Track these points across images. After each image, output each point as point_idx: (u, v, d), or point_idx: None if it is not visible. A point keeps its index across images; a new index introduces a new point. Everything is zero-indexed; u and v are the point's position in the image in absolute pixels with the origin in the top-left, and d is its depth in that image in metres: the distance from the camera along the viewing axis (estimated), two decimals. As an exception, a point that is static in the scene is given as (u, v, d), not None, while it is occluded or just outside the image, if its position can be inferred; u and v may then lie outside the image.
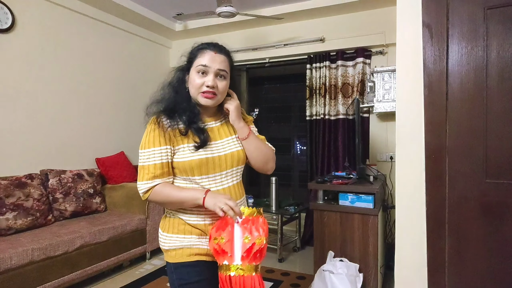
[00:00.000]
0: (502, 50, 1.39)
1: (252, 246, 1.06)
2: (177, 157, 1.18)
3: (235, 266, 1.06)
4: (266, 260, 3.24)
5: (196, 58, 1.19)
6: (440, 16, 1.48)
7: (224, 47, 1.25)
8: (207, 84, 1.16)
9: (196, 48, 1.23)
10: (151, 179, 1.15)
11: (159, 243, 1.27)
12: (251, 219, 1.11)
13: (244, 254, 1.06)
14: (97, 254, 2.66)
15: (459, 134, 1.46)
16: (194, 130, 1.18)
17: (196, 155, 1.16)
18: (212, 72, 1.17)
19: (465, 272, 1.46)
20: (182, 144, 1.17)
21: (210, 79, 1.16)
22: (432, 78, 1.49)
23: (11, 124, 2.84)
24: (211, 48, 1.19)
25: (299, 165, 4.48)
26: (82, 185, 3.04)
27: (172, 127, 1.17)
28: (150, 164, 1.15)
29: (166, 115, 1.18)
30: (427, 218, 1.52)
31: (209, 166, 1.18)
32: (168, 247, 1.21)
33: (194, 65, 1.19)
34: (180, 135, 1.17)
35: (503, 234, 1.40)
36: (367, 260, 2.28)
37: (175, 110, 1.19)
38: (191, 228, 1.20)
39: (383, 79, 3.09)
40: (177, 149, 1.18)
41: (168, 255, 1.21)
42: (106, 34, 3.72)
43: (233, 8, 2.97)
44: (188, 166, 1.16)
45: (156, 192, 1.15)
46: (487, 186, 1.42)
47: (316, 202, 2.47)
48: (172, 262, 1.20)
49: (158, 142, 1.16)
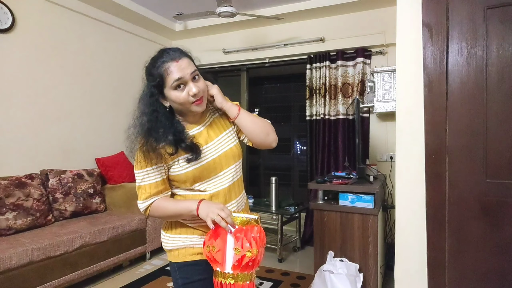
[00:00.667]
0: (502, 50, 1.39)
1: (243, 257, 1.05)
2: (172, 171, 1.18)
3: (226, 275, 1.07)
4: (266, 260, 3.24)
5: (166, 78, 1.12)
6: (440, 16, 1.48)
7: (178, 49, 1.18)
8: (193, 93, 1.12)
9: (155, 68, 1.13)
10: (147, 198, 1.17)
11: (161, 243, 1.28)
12: (245, 228, 1.09)
13: (236, 264, 1.06)
14: (97, 254, 2.66)
15: (459, 134, 1.46)
16: (184, 149, 1.16)
17: (190, 166, 1.16)
18: (188, 80, 1.12)
19: (465, 272, 1.46)
20: (174, 159, 1.16)
21: (191, 87, 1.12)
22: (432, 78, 1.49)
23: (11, 124, 2.84)
24: (170, 59, 1.12)
25: (299, 165, 4.48)
26: (82, 185, 3.04)
27: (159, 147, 1.13)
28: (146, 184, 1.17)
29: (153, 139, 1.13)
30: (427, 218, 1.52)
31: (205, 172, 1.18)
32: (171, 247, 1.22)
33: (167, 85, 1.12)
34: (168, 155, 1.15)
35: (503, 234, 1.40)
36: (367, 260, 2.28)
37: (157, 136, 1.13)
38: (193, 230, 1.21)
39: (383, 79, 3.09)
40: (171, 165, 1.17)
41: (171, 255, 1.23)
42: (106, 34, 3.72)
43: (233, 8, 2.97)
44: (185, 177, 1.17)
45: (153, 209, 1.17)
46: (487, 186, 1.42)
47: (316, 202, 2.47)
48: (175, 262, 1.22)
49: (150, 162, 1.14)
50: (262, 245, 1.11)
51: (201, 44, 4.45)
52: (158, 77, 1.13)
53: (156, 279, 2.80)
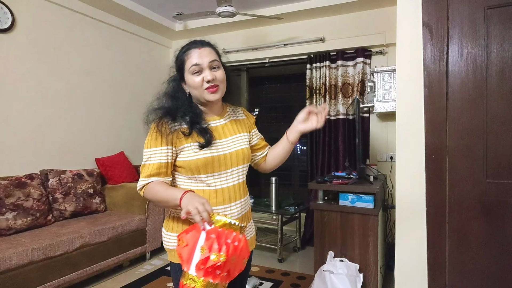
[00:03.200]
0: (502, 50, 1.39)
1: (206, 259, 0.95)
2: (182, 157, 1.19)
3: (188, 275, 0.97)
4: (266, 260, 3.24)
5: (185, 62, 1.20)
6: (440, 16, 1.48)
7: (205, 40, 1.26)
8: (207, 79, 1.17)
9: (180, 53, 1.24)
10: (147, 177, 1.17)
11: (163, 242, 1.27)
12: (221, 231, 1.00)
13: (200, 266, 0.96)
14: (97, 254, 2.66)
15: (459, 134, 1.46)
16: (198, 131, 1.19)
17: (201, 154, 1.17)
18: (205, 67, 1.18)
19: (465, 272, 1.46)
20: (186, 143, 1.18)
21: (207, 73, 1.17)
22: (432, 78, 1.49)
23: (11, 124, 2.84)
24: (194, 46, 1.21)
25: (299, 165, 4.48)
26: (82, 185, 3.04)
27: (174, 127, 1.18)
28: (150, 163, 1.17)
29: (169, 117, 1.18)
30: (427, 218, 1.52)
31: (215, 164, 1.19)
32: (172, 247, 1.21)
33: (186, 69, 1.20)
34: (182, 135, 1.18)
35: (503, 234, 1.40)
36: (367, 260, 2.28)
37: (176, 113, 1.19)
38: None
39: (383, 79, 3.09)
40: (181, 149, 1.18)
41: (173, 255, 1.22)
42: (106, 34, 3.72)
43: (233, 8, 2.97)
44: (194, 165, 1.17)
45: (148, 189, 1.17)
46: (487, 186, 1.42)
47: (316, 202, 2.47)
48: (177, 263, 1.18)
49: (160, 142, 1.17)
50: (238, 256, 0.99)
51: (201, 44, 4.44)
52: (180, 62, 1.22)
53: (156, 279, 2.80)
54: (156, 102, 1.25)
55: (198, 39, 1.25)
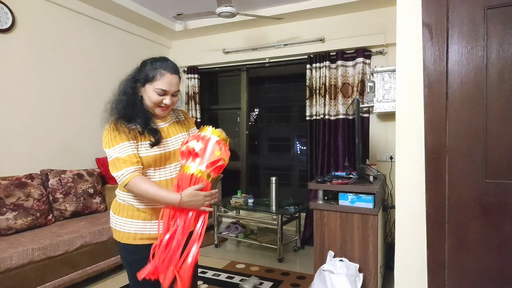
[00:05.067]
0: (502, 50, 1.39)
1: (217, 161, 1.30)
2: (140, 153, 1.36)
3: (198, 170, 1.29)
4: (266, 260, 3.25)
5: (155, 80, 1.35)
6: (440, 16, 1.48)
7: (176, 66, 1.44)
8: (164, 103, 1.38)
9: (152, 66, 1.38)
10: (128, 166, 1.30)
11: (110, 223, 1.46)
12: (223, 143, 1.34)
13: (209, 164, 1.29)
14: (97, 254, 2.66)
15: (459, 134, 1.46)
16: (149, 131, 1.37)
17: (151, 151, 1.37)
18: (169, 94, 1.38)
19: (465, 272, 1.46)
20: (139, 142, 1.37)
21: (168, 100, 1.38)
22: (432, 78, 1.49)
23: (11, 124, 2.85)
24: (167, 69, 1.37)
25: (299, 165, 4.48)
26: (82, 185, 3.04)
27: (131, 127, 1.35)
28: (124, 156, 1.31)
29: (125, 119, 1.35)
30: (427, 218, 1.52)
31: (162, 160, 1.40)
32: (118, 228, 1.41)
33: (153, 85, 1.36)
34: (138, 134, 1.36)
35: (503, 234, 1.40)
36: (367, 260, 2.28)
37: (131, 116, 1.36)
38: (138, 213, 1.40)
39: (383, 79, 3.09)
40: (139, 146, 1.36)
41: (118, 235, 1.41)
42: (106, 34, 3.72)
43: (233, 8, 2.97)
44: (146, 161, 1.36)
45: (135, 183, 1.29)
46: (487, 186, 1.42)
47: (316, 202, 2.47)
48: (121, 242, 1.41)
49: (123, 138, 1.33)
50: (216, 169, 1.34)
51: (201, 44, 4.45)
52: (151, 75, 1.36)
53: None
54: (114, 99, 1.40)
55: (170, 62, 1.42)
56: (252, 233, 3.83)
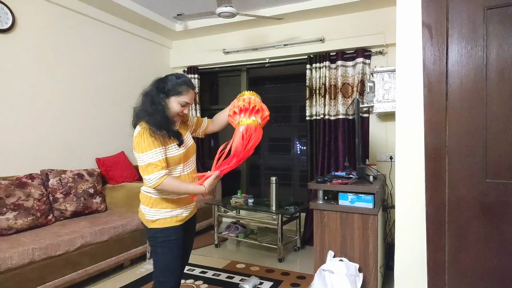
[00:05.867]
0: (502, 50, 1.39)
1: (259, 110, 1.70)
2: (169, 154, 1.64)
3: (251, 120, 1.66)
4: (266, 260, 3.25)
5: (181, 95, 1.65)
6: (440, 16, 1.48)
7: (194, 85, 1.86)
8: (183, 113, 1.71)
9: (179, 83, 1.66)
10: (161, 170, 1.57)
11: (142, 216, 1.71)
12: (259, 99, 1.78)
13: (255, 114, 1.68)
14: (98, 254, 2.66)
15: (459, 134, 1.46)
16: (174, 135, 1.67)
17: (180, 150, 1.69)
18: (188, 106, 1.71)
19: (465, 272, 1.47)
20: (169, 144, 1.64)
21: (187, 110, 1.71)
22: (432, 78, 1.50)
23: (12, 124, 2.85)
24: (191, 87, 1.69)
25: (299, 165, 4.48)
26: (82, 185, 3.04)
27: (161, 134, 1.59)
28: (157, 160, 1.56)
29: (156, 126, 1.58)
30: (427, 218, 1.53)
31: (186, 156, 1.73)
32: (158, 217, 1.67)
33: (178, 98, 1.65)
34: (167, 138, 1.63)
35: (503, 234, 1.40)
36: (367, 260, 2.29)
37: (160, 123, 1.60)
38: (172, 202, 1.69)
39: (383, 79, 3.09)
40: (167, 148, 1.63)
41: (156, 223, 1.67)
42: (107, 34, 3.73)
43: (233, 8, 2.97)
44: (178, 157, 1.67)
45: (167, 181, 1.57)
46: (487, 186, 1.42)
47: (316, 202, 2.47)
48: (160, 227, 1.66)
49: (157, 144, 1.58)
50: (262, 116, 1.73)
51: (201, 44, 4.45)
52: (178, 90, 1.65)
53: (156, 279, 2.80)
54: (144, 105, 1.65)
55: (189, 79, 1.73)
56: (252, 233, 3.84)
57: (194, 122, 1.92)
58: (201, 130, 1.96)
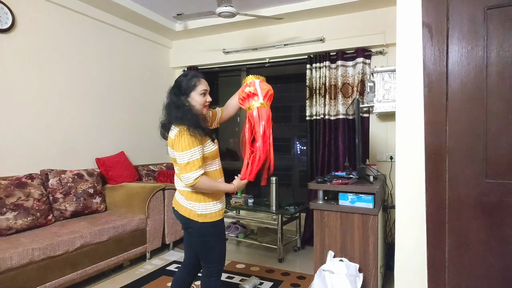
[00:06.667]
0: (502, 50, 1.39)
1: (268, 91, 1.81)
2: (207, 149, 1.76)
3: (260, 103, 1.76)
4: (266, 260, 3.25)
5: (197, 86, 1.78)
6: (440, 16, 1.48)
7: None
8: (209, 101, 1.83)
9: (188, 78, 1.79)
10: (198, 169, 1.68)
11: (189, 213, 1.78)
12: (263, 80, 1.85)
13: (264, 97, 1.78)
14: (98, 254, 2.66)
15: (459, 134, 1.46)
16: (209, 132, 1.79)
17: (215, 145, 1.83)
18: (207, 93, 1.83)
19: (465, 272, 1.46)
20: (206, 141, 1.76)
21: (208, 97, 1.83)
22: (432, 78, 1.49)
23: (11, 124, 2.85)
24: (200, 76, 1.83)
25: (299, 165, 4.48)
26: (82, 185, 3.04)
27: (199, 132, 1.70)
28: (195, 159, 1.68)
29: (193, 126, 1.69)
30: (427, 218, 1.52)
31: (218, 151, 1.86)
32: (209, 211, 1.79)
33: (197, 90, 1.78)
34: (204, 136, 1.74)
35: (503, 234, 1.40)
36: (367, 260, 2.29)
37: (195, 123, 1.71)
38: (215, 196, 1.82)
39: (383, 79, 3.09)
40: (205, 146, 1.75)
41: (208, 217, 1.78)
42: (106, 34, 3.72)
43: (233, 8, 2.97)
44: (215, 152, 1.82)
45: (203, 180, 1.70)
46: (487, 186, 1.42)
47: (316, 202, 2.47)
48: (211, 221, 1.79)
49: (196, 143, 1.69)
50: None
51: (201, 44, 4.45)
52: (193, 83, 1.77)
53: (156, 279, 2.80)
54: (171, 111, 1.76)
55: (197, 72, 1.87)
56: (252, 233, 3.84)
57: (210, 116, 1.99)
58: (216, 121, 2.03)
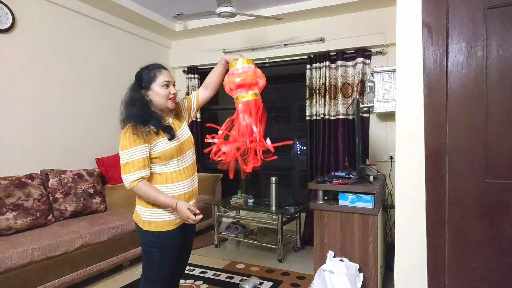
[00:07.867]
0: (502, 50, 1.39)
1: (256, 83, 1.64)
2: (157, 149, 1.58)
3: (249, 94, 1.61)
4: (266, 260, 3.25)
5: (157, 77, 1.61)
6: (440, 16, 1.48)
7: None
8: (173, 92, 1.63)
9: (149, 69, 1.63)
10: (136, 171, 1.52)
11: (137, 217, 1.65)
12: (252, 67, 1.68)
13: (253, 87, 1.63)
14: (97, 254, 2.66)
15: (459, 134, 1.46)
16: (164, 129, 1.60)
17: (171, 144, 1.60)
18: (171, 84, 1.64)
19: (465, 272, 1.46)
20: (157, 140, 1.58)
21: (173, 89, 1.64)
22: (432, 78, 1.49)
23: (11, 124, 2.85)
24: (163, 68, 1.65)
25: (299, 165, 4.48)
26: (82, 185, 3.04)
27: (146, 129, 1.55)
28: (134, 160, 1.52)
29: (140, 123, 1.54)
30: (427, 218, 1.52)
31: (180, 150, 1.65)
32: (154, 219, 1.60)
33: (157, 82, 1.60)
34: (154, 134, 1.57)
35: (503, 234, 1.40)
36: (367, 260, 2.29)
37: (146, 119, 1.56)
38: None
39: (383, 79, 3.09)
40: (154, 145, 1.57)
41: (152, 226, 1.60)
42: (106, 34, 3.72)
43: (233, 8, 2.97)
44: (169, 153, 1.59)
45: (140, 186, 1.53)
46: (487, 186, 1.42)
47: (316, 202, 2.47)
48: (156, 231, 1.60)
49: (139, 142, 1.52)
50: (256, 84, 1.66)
51: (201, 44, 4.45)
52: (153, 75, 1.61)
53: (156, 279, 2.80)
54: (127, 108, 1.60)
55: (157, 63, 1.68)
56: (252, 233, 3.83)
57: (186, 106, 1.83)
58: (194, 108, 1.86)
